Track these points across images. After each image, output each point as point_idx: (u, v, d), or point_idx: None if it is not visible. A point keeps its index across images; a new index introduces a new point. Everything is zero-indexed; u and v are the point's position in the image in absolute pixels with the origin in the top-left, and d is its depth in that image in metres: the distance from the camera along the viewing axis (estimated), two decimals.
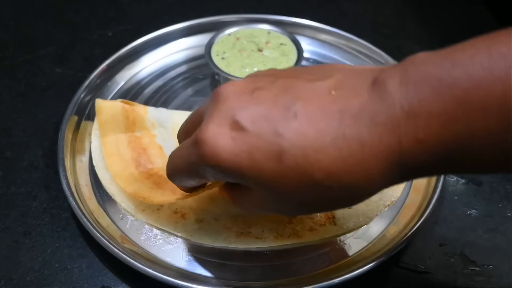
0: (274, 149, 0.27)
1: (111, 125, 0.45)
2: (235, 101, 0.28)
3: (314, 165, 0.26)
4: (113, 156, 0.44)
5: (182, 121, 0.47)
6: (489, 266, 0.40)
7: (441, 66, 0.25)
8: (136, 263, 0.36)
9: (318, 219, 0.41)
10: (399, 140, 0.25)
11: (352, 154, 0.26)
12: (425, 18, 0.68)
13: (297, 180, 0.27)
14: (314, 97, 0.27)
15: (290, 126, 0.27)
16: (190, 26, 0.58)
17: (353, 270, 0.36)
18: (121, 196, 0.42)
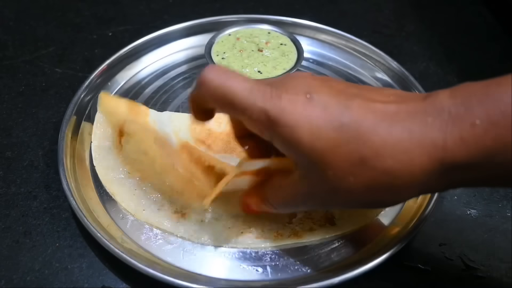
0: (336, 119, 0.29)
1: (113, 118, 0.45)
2: (311, 81, 0.32)
3: (367, 142, 0.29)
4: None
5: (182, 123, 0.47)
6: (489, 266, 0.40)
7: (488, 85, 0.29)
8: (137, 263, 0.36)
9: (318, 219, 0.41)
10: (444, 138, 0.28)
11: (401, 141, 0.29)
12: (425, 18, 0.68)
13: (348, 152, 0.29)
14: (378, 94, 0.31)
15: (352, 106, 0.30)
16: (190, 26, 0.58)
17: (353, 270, 0.36)
18: (121, 196, 0.42)
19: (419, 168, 0.29)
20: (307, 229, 0.41)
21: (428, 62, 0.58)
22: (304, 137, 0.30)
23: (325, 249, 0.40)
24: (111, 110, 0.45)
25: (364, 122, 0.29)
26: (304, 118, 0.30)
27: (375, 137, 0.29)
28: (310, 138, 0.30)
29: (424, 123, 0.29)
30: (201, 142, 0.47)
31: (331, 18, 0.62)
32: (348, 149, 0.29)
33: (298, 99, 0.30)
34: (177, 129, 0.47)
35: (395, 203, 0.33)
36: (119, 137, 0.45)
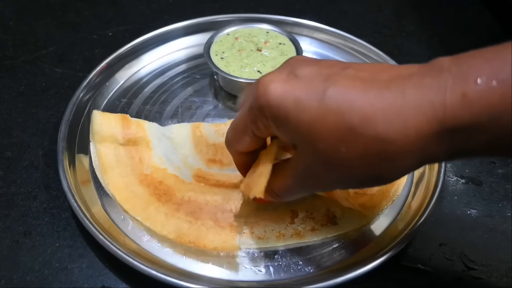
0: (319, 91, 0.29)
1: (116, 170, 0.43)
2: (297, 62, 0.32)
3: (353, 108, 0.28)
4: (130, 201, 0.42)
5: (187, 149, 0.47)
6: (489, 266, 0.40)
7: (495, 48, 0.26)
8: (139, 264, 0.36)
9: (320, 218, 0.41)
10: (443, 97, 0.26)
11: (393, 104, 0.27)
12: (425, 18, 0.68)
13: (335, 122, 0.28)
14: (371, 66, 0.30)
15: (338, 77, 0.29)
16: (189, 25, 0.58)
17: (353, 270, 0.36)
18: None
19: (415, 131, 0.27)
20: (309, 229, 0.41)
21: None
22: (290, 113, 0.30)
23: (327, 249, 0.40)
24: (113, 164, 0.44)
25: (350, 90, 0.28)
26: (287, 94, 0.30)
27: (363, 102, 0.27)
28: (296, 112, 0.29)
29: (420, 83, 0.27)
30: (212, 162, 0.46)
31: (331, 18, 0.62)
32: (335, 118, 0.28)
33: (280, 78, 0.31)
34: (184, 157, 0.46)
35: (395, 176, 0.30)
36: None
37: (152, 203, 0.41)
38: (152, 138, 0.46)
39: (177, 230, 0.40)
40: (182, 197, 0.42)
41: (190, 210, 0.41)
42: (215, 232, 0.40)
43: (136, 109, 0.51)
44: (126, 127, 0.45)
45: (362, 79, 0.28)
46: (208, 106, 0.52)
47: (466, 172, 0.47)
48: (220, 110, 0.52)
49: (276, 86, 0.30)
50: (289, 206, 0.42)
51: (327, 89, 0.28)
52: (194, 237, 0.39)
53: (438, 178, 0.43)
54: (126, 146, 0.45)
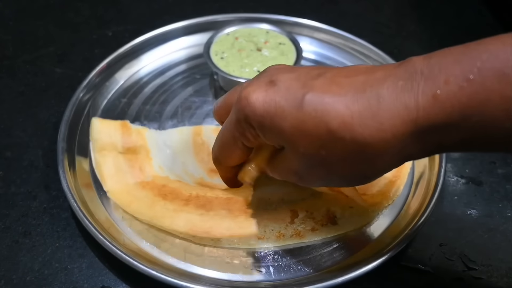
0: (298, 97, 0.30)
1: (115, 178, 0.43)
2: (275, 70, 0.33)
3: (331, 112, 0.28)
4: (133, 204, 0.41)
5: (187, 158, 0.46)
6: (489, 266, 0.40)
7: (466, 46, 0.27)
8: (139, 265, 0.36)
9: (320, 218, 0.41)
10: (416, 98, 0.27)
11: (368, 107, 0.28)
12: (425, 18, 0.68)
13: (314, 126, 0.29)
14: (347, 70, 0.31)
15: (315, 82, 0.30)
16: (190, 25, 0.58)
17: (353, 270, 0.36)
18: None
19: (391, 132, 0.27)
20: (309, 228, 0.41)
21: None
22: (274, 120, 0.30)
23: (327, 249, 0.40)
24: (112, 172, 0.43)
25: (327, 94, 0.29)
26: (269, 102, 0.31)
27: (340, 107, 0.28)
28: (278, 119, 0.30)
29: (394, 86, 0.28)
30: (215, 172, 0.44)
31: (331, 18, 0.62)
32: (313, 123, 0.29)
33: (260, 87, 0.31)
34: (185, 166, 0.46)
35: (377, 175, 0.32)
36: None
37: (157, 202, 0.41)
38: (152, 147, 0.45)
39: (188, 223, 0.39)
40: (190, 194, 0.41)
41: (200, 203, 0.40)
42: (230, 220, 0.39)
43: (136, 109, 0.51)
44: (126, 135, 0.45)
45: (339, 83, 0.29)
46: (208, 106, 0.52)
47: (466, 172, 0.47)
48: None
49: (257, 96, 0.31)
50: (289, 206, 0.42)
51: (305, 95, 0.29)
52: (208, 227, 0.38)
53: (438, 178, 0.43)
54: (126, 155, 0.44)
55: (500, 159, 0.48)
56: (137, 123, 0.49)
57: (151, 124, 0.50)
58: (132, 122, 0.49)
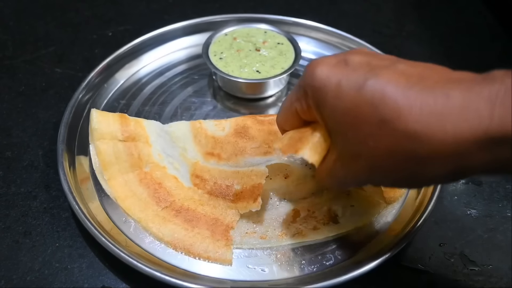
0: (360, 81, 0.29)
1: (115, 166, 0.43)
2: (353, 51, 0.32)
3: (388, 102, 0.27)
4: (128, 199, 0.42)
5: (186, 142, 0.46)
6: (489, 266, 0.40)
7: None
8: (138, 264, 0.36)
9: (322, 217, 0.41)
10: (492, 107, 0.25)
11: (433, 104, 0.26)
12: (425, 18, 0.68)
13: (367, 112, 0.28)
14: (422, 66, 0.29)
15: (383, 71, 0.28)
16: (188, 26, 0.58)
17: (353, 270, 0.36)
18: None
19: (453, 135, 0.25)
20: (311, 227, 0.41)
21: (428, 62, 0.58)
22: (329, 97, 0.30)
23: (328, 248, 0.40)
24: (112, 160, 0.43)
25: (391, 84, 0.27)
26: (330, 78, 0.30)
27: (399, 98, 0.27)
28: (334, 98, 0.30)
29: (469, 90, 0.26)
30: (210, 155, 0.46)
31: (331, 18, 0.62)
32: (368, 110, 0.28)
33: (330, 62, 0.31)
34: (183, 151, 0.46)
35: (422, 181, 0.29)
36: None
37: (150, 206, 0.41)
38: (151, 134, 0.46)
39: (173, 235, 0.40)
40: (181, 205, 0.42)
41: (188, 218, 0.41)
42: (210, 242, 0.39)
43: (135, 110, 0.51)
44: (125, 125, 0.45)
45: (409, 75, 0.28)
46: (207, 107, 0.52)
47: None
48: (219, 110, 0.52)
49: (323, 68, 0.31)
50: (291, 205, 0.42)
51: (368, 80, 0.28)
52: (189, 244, 0.39)
53: None
54: (125, 142, 0.44)
55: None
56: None
57: None
58: None
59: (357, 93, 0.28)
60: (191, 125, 0.48)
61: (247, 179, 0.42)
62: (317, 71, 0.31)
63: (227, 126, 0.48)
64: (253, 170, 0.42)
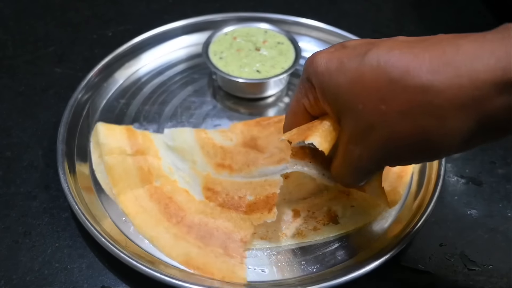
0: (361, 53, 0.28)
1: (125, 182, 0.42)
2: (349, 40, 0.32)
3: (395, 62, 0.26)
4: (139, 216, 0.41)
5: (194, 154, 0.45)
6: (489, 266, 0.40)
7: None
8: (138, 264, 0.36)
9: (322, 218, 0.41)
10: (507, 49, 0.23)
11: (442, 54, 0.25)
12: (425, 18, 0.68)
13: (373, 78, 0.27)
14: (422, 37, 0.28)
15: (384, 42, 0.28)
16: (188, 25, 0.58)
17: (354, 270, 0.36)
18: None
19: (468, 78, 0.24)
20: (311, 228, 0.41)
21: None
22: (332, 77, 0.30)
23: (329, 249, 0.40)
24: (122, 176, 0.43)
25: (394, 49, 0.27)
26: (331, 60, 0.30)
27: (406, 56, 0.26)
28: (337, 76, 0.29)
29: (480, 38, 0.24)
30: (221, 167, 0.45)
31: (331, 18, 0.62)
32: (373, 74, 0.27)
33: (328, 50, 0.31)
34: (192, 164, 0.45)
35: (446, 141, 0.26)
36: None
37: (162, 223, 0.40)
38: (160, 147, 0.45)
39: (186, 254, 0.38)
40: (193, 220, 0.41)
41: (200, 234, 0.40)
42: (224, 260, 0.38)
43: (135, 110, 0.51)
44: (133, 138, 0.45)
45: (411, 42, 0.27)
46: (207, 107, 0.52)
47: (466, 172, 0.47)
48: (219, 110, 0.52)
49: (322, 55, 0.31)
50: (291, 205, 0.42)
51: (369, 51, 0.28)
52: (202, 263, 0.38)
53: (438, 178, 0.43)
54: (135, 156, 0.44)
55: (500, 159, 0.48)
56: (136, 125, 0.49)
57: (150, 125, 0.50)
58: (132, 123, 0.50)
59: (360, 63, 0.28)
60: (196, 135, 0.47)
61: (260, 189, 0.41)
62: (317, 58, 0.31)
63: (234, 137, 0.47)
64: (266, 180, 0.42)
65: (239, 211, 0.41)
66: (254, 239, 0.40)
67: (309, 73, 0.32)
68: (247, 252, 0.39)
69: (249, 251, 0.40)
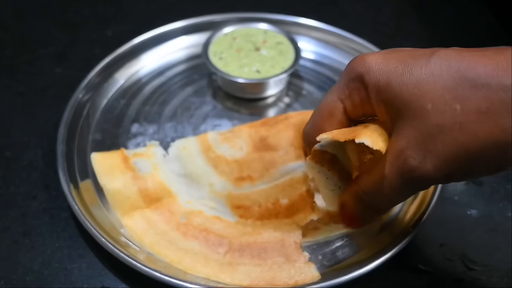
0: (426, 53, 0.28)
1: (151, 231, 0.40)
2: (395, 48, 0.31)
3: (470, 62, 0.26)
4: (185, 260, 0.38)
5: (210, 177, 0.43)
6: (489, 266, 0.40)
7: None
8: (138, 264, 0.36)
9: (322, 217, 0.41)
10: None
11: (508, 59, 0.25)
12: (425, 18, 0.68)
13: (447, 78, 0.26)
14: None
15: (447, 49, 0.28)
16: (188, 25, 0.58)
17: (353, 270, 0.36)
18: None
19: None
20: (311, 227, 0.41)
21: None
22: (392, 76, 0.29)
23: (329, 248, 0.40)
24: (126, 208, 0.41)
25: (463, 51, 0.26)
26: (388, 59, 0.29)
27: (478, 57, 0.25)
28: (399, 74, 0.28)
29: None
30: (240, 180, 0.42)
31: (331, 18, 0.62)
32: (446, 74, 0.26)
33: (379, 52, 0.30)
34: (210, 187, 0.43)
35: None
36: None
37: (210, 257, 0.38)
38: (171, 186, 0.43)
39: (250, 276, 0.37)
40: (240, 243, 0.39)
41: (254, 253, 0.38)
42: (290, 267, 0.37)
43: (135, 110, 0.51)
44: (143, 187, 0.42)
45: (476, 49, 0.27)
46: (207, 107, 0.52)
47: None
48: (219, 110, 0.52)
49: (376, 55, 0.30)
50: None
51: (435, 52, 0.27)
52: (270, 278, 0.37)
53: None
54: (151, 206, 0.41)
55: None
56: (136, 125, 0.49)
57: (150, 125, 0.50)
58: (132, 123, 0.50)
59: (428, 62, 0.27)
60: (206, 157, 0.44)
61: (290, 190, 0.40)
62: (370, 58, 0.30)
63: (243, 144, 0.44)
64: (292, 179, 0.40)
65: (280, 218, 0.40)
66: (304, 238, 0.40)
67: (359, 72, 0.30)
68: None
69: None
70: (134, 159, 0.44)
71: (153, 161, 0.44)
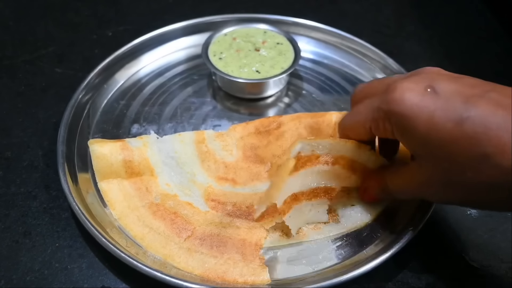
0: (459, 113, 0.28)
1: (124, 203, 0.41)
2: (435, 75, 0.31)
3: (493, 138, 0.27)
4: (146, 237, 0.39)
5: (194, 167, 0.44)
6: (489, 266, 0.40)
7: None
8: (138, 264, 0.36)
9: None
10: None
11: None
12: (425, 18, 0.68)
13: (467, 147, 0.28)
14: (510, 91, 0.29)
15: (480, 100, 0.28)
16: (188, 26, 0.58)
17: (353, 270, 0.36)
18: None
19: None
20: (311, 227, 0.41)
21: (428, 62, 0.58)
22: (420, 127, 0.29)
23: (329, 248, 0.40)
24: (120, 198, 0.42)
25: (492, 118, 0.27)
26: (422, 108, 0.29)
27: (504, 133, 0.27)
28: (426, 128, 0.29)
29: None
30: (224, 180, 0.44)
31: (331, 18, 0.62)
32: (468, 143, 0.28)
33: (418, 89, 0.30)
34: (191, 176, 0.44)
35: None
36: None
37: (172, 239, 0.39)
38: (155, 165, 0.43)
39: (203, 265, 0.38)
40: (203, 232, 0.40)
41: (214, 244, 0.39)
42: (244, 265, 0.38)
43: (135, 110, 0.51)
44: (128, 156, 0.43)
45: (506, 106, 0.28)
46: (207, 107, 0.52)
47: None
48: (219, 110, 0.52)
49: (412, 96, 0.30)
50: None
51: (468, 113, 0.28)
52: (222, 272, 0.38)
53: None
54: (130, 179, 0.43)
55: None
56: (136, 126, 0.50)
57: (150, 126, 0.50)
58: (131, 123, 0.50)
59: (456, 126, 0.28)
60: (197, 149, 0.46)
61: (266, 199, 0.41)
62: (406, 98, 0.30)
63: (235, 149, 0.46)
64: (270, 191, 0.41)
65: (249, 219, 0.41)
66: (267, 240, 0.40)
67: (390, 108, 0.31)
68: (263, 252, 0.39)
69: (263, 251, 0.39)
70: (129, 139, 0.45)
71: (145, 140, 0.45)
